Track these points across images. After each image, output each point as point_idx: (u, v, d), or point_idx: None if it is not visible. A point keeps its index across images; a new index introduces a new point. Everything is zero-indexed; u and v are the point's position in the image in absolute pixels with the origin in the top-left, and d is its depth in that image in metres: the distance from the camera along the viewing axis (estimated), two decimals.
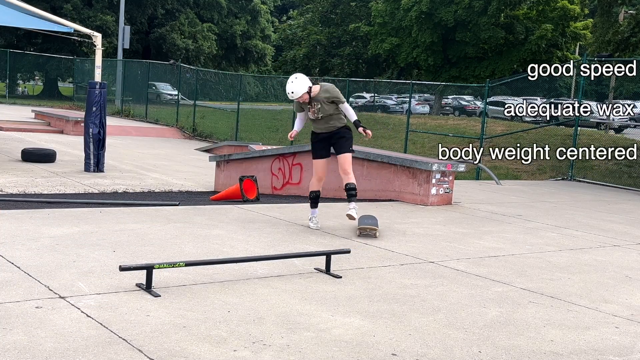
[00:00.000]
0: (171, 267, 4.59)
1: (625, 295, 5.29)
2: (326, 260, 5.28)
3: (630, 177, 15.35)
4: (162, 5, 46.43)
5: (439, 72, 36.99)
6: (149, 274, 4.42)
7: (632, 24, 20.06)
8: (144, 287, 4.41)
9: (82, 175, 11.85)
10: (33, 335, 3.50)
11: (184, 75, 28.63)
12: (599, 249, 7.15)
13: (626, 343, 4.14)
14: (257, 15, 52.31)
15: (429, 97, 36.23)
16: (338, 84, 29.03)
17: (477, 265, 5.94)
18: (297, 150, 11.08)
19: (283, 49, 52.06)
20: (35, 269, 4.71)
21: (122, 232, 6.16)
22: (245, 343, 3.64)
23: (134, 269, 4.43)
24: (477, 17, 34.08)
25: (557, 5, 34.79)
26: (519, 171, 17.51)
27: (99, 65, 12.71)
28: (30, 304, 3.97)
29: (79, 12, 41.29)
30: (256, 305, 4.32)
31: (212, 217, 7.35)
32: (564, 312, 4.70)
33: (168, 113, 27.88)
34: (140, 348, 3.44)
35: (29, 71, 43.67)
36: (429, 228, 7.59)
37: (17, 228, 6.02)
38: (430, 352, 3.72)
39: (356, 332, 3.94)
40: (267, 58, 53.88)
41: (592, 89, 33.11)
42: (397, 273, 5.43)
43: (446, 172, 9.32)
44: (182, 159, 17.61)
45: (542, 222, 8.62)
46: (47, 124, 22.20)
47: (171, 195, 10.38)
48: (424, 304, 4.62)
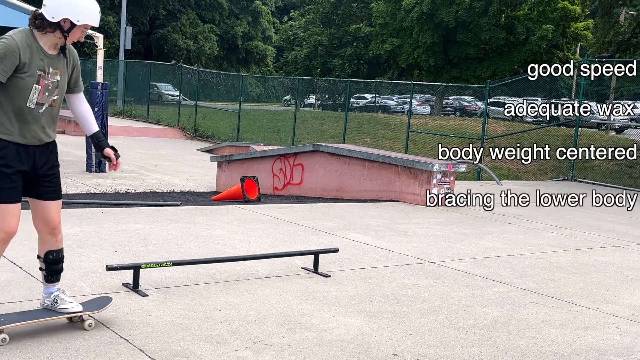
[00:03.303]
0: (158, 267, 4.58)
1: (626, 296, 5.29)
2: (314, 259, 5.28)
3: (630, 177, 15.34)
4: (163, 6, 46.46)
5: (439, 73, 36.96)
6: (136, 274, 4.42)
7: (633, 25, 20.06)
8: (134, 287, 4.42)
9: (83, 175, 11.87)
10: (34, 335, 3.51)
11: (186, 75, 28.66)
12: (599, 250, 7.15)
13: (627, 343, 4.14)
14: (259, 16, 52.32)
15: (430, 98, 36.19)
16: (339, 84, 29.05)
17: (478, 265, 5.94)
18: (298, 151, 11.10)
19: (284, 49, 52.05)
20: (37, 269, 4.71)
21: (124, 233, 6.17)
22: (247, 343, 3.65)
23: (121, 269, 4.43)
24: (478, 18, 34.06)
25: (557, 5, 34.75)
26: (520, 172, 17.50)
27: (101, 66, 12.74)
28: (32, 304, 3.98)
29: None
30: (257, 305, 4.33)
31: (214, 217, 7.36)
32: (564, 312, 4.70)
33: (169, 113, 27.90)
34: (141, 348, 3.45)
35: None
36: (430, 228, 7.60)
37: (18, 228, 6.02)
38: (431, 352, 3.73)
39: (357, 332, 3.95)
40: (268, 59, 53.90)
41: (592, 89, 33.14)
42: (398, 273, 5.44)
43: (447, 172, 9.32)
44: (183, 159, 17.63)
45: (542, 222, 8.63)
46: None
47: (173, 196, 10.40)
48: (425, 304, 4.63)
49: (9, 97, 3.24)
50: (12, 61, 3.19)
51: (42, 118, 3.35)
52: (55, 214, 3.52)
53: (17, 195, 3.30)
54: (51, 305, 3.59)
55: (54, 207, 3.50)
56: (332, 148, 10.54)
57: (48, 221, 3.51)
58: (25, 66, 3.23)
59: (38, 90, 3.29)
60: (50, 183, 3.46)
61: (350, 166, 10.14)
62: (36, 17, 3.27)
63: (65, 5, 3.23)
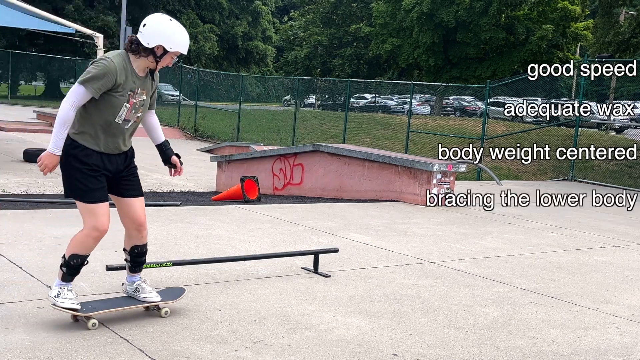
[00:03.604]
0: (158, 267, 4.59)
1: (626, 296, 5.30)
2: (314, 259, 5.28)
3: (630, 177, 15.34)
4: (163, 6, 46.45)
5: (439, 73, 36.98)
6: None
7: (633, 25, 20.05)
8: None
9: None
10: (35, 335, 3.51)
11: (186, 76, 28.67)
12: (599, 250, 7.16)
13: (627, 343, 4.14)
14: (259, 16, 52.34)
15: (430, 98, 36.19)
16: (339, 84, 29.05)
17: (478, 265, 5.94)
18: (298, 151, 11.10)
19: (284, 49, 52.08)
20: (37, 269, 4.72)
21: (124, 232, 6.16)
22: (247, 343, 3.65)
23: (121, 269, 4.43)
24: (478, 18, 34.08)
25: (557, 5, 34.77)
26: (520, 172, 17.50)
27: None
28: (32, 304, 3.99)
29: (81, 13, 41.32)
30: (257, 305, 4.33)
31: (214, 217, 7.36)
32: (564, 312, 4.71)
33: (169, 113, 27.91)
34: (141, 348, 3.45)
35: (31, 72, 43.70)
36: (430, 228, 7.60)
37: (19, 228, 6.03)
38: (431, 353, 3.73)
39: (357, 332, 3.95)
40: (268, 59, 53.91)
41: (592, 89, 33.10)
42: (398, 273, 5.44)
43: (447, 172, 9.32)
44: (183, 159, 17.54)
45: (542, 222, 8.63)
46: (49, 125, 22.21)
47: (173, 196, 10.40)
48: (425, 304, 4.63)
49: (100, 112, 3.59)
50: (109, 82, 3.52)
51: (126, 132, 3.76)
52: (140, 210, 3.84)
53: (105, 196, 3.66)
54: (133, 293, 3.95)
55: (138, 203, 3.84)
56: (332, 148, 10.54)
57: (134, 219, 3.83)
58: (119, 86, 3.57)
59: (127, 108, 3.65)
60: (130, 182, 3.82)
61: (350, 166, 10.15)
62: (132, 42, 3.64)
63: (160, 34, 3.60)
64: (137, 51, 3.62)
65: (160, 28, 3.61)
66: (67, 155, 3.57)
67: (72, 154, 3.58)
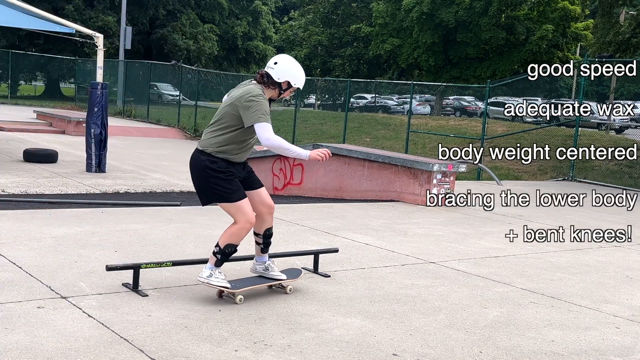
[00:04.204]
0: (158, 267, 4.59)
1: (626, 296, 5.30)
2: (314, 259, 5.29)
3: (630, 177, 15.34)
4: (163, 6, 46.46)
5: (439, 73, 36.98)
6: (136, 274, 4.43)
7: (633, 25, 20.06)
8: (134, 287, 4.42)
9: (83, 175, 11.86)
10: (35, 336, 3.51)
11: (186, 75, 28.65)
12: (599, 250, 7.16)
13: (627, 343, 4.14)
14: (258, 16, 52.32)
15: (430, 98, 36.17)
16: (339, 84, 29.05)
17: (478, 265, 5.94)
18: None
19: (284, 49, 52.02)
20: (37, 269, 4.72)
21: (124, 233, 6.17)
22: (247, 343, 3.65)
23: (121, 269, 4.44)
24: (478, 18, 34.07)
25: (557, 5, 34.76)
26: (520, 172, 17.50)
27: (101, 66, 12.72)
28: (32, 304, 3.98)
29: (81, 12, 41.30)
30: (257, 305, 4.33)
31: (214, 217, 7.36)
32: (564, 312, 4.71)
33: (169, 113, 27.90)
34: (141, 348, 3.45)
35: (30, 72, 43.68)
36: (430, 228, 7.60)
37: (19, 228, 6.03)
38: (431, 353, 3.73)
39: (357, 332, 3.95)
40: (268, 59, 53.75)
41: (592, 89, 33.12)
42: (398, 273, 5.44)
43: (447, 172, 9.32)
44: (183, 159, 17.57)
45: (542, 222, 8.63)
46: (49, 125, 22.22)
47: (173, 196, 10.40)
48: (425, 304, 4.63)
49: (244, 135, 4.34)
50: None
51: (251, 149, 4.54)
52: (268, 196, 4.61)
53: (244, 194, 4.39)
54: (264, 272, 4.63)
55: (264, 191, 4.60)
56: (332, 148, 10.53)
57: (266, 203, 4.57)
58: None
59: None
60: (253, 178, 4.59)
61: (350, 166, 10.15)
62: (263, 75, 4.40)
63: (289, 72, 4.41)
64: (267, 83, 4.39)
65: (290, 67, 4.41)
66: (208, 168, 4.29)
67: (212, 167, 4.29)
